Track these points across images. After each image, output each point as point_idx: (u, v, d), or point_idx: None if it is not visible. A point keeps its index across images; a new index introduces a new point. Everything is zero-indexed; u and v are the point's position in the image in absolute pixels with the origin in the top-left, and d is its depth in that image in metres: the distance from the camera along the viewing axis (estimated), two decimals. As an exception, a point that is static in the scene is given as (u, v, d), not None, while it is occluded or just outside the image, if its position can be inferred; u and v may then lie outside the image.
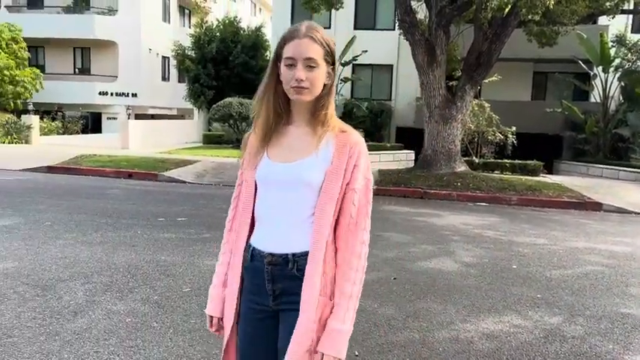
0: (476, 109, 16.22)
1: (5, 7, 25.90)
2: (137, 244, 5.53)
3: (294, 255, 1.60)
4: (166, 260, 4.96)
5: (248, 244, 1.68)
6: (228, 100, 19.27)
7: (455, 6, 12.08)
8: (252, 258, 1.65)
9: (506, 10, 11.77)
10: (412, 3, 12.63)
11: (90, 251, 5.17)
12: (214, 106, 19.78)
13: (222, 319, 1.75)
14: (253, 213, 1.69)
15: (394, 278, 4.83)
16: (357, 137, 1.72)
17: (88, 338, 3.26)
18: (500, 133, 16.73)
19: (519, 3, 10.60)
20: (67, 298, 3.91)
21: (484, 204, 10.15)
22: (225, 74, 23.74)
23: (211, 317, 1.78)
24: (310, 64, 1.58)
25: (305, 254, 1.60)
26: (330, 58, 1.63)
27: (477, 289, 4.66)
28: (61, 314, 3.61)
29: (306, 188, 1.61)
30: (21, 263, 4.68)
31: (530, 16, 10.62)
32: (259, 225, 1.68)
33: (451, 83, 13.64)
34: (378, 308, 4.02)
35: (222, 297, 1.74)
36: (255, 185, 1.69)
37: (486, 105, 16.83)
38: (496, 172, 14.75)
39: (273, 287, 1.63)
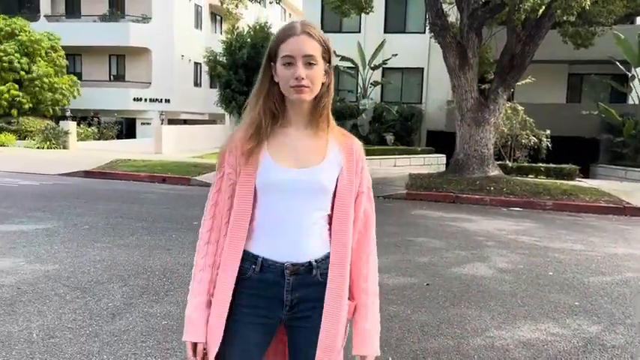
0: (509, 112, 15.97)
1: (45, 16, 26.74)
2: (172, 247, 5.63)
3: (316, 261, 1.59)
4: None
5: (253, 255, 1.56)
6: (259, 105, 19.39)
7: (487, 8, 11.94)
8: (262, 269, 1.56)
9: (540, 11, 11.57)
10: (443, 6, 12.54)
11: (126, 254, 5.29)
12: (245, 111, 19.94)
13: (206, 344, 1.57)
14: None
15: (427, 284, 4.79)
16: (358, 141, 1.75)
17: (126, 340, 3.33)
18: (534, 136, 16.42)
19: (554, 4, 10.41)
20: (105, 300, 4.01)
21: (518, 209, 9.97)
22: (256, 79, 23.98)
23: (195, 344, 1.56)
24: (310, 62, 1.53)
25: (325, 258, 1.60)
26: (327, 55, 1.59)
27: (512, 296, 4.58)
28: (100, 316, 3.70)
29: (321, 193, 1.60)
30: (61, 266, 4.82)
31: (565, 17, 10.40)
32: (265, 234, 1.57)
33: (483, 86, 13.48)
34: (411, 314, 3.99)
35: (207, 319, 1.56)
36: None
37: (520, 108, 16.55)
38: (530, 176, 14.48)
39: (291, 297, 1.58)
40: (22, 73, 20.93)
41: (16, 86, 20.92)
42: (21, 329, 3.41)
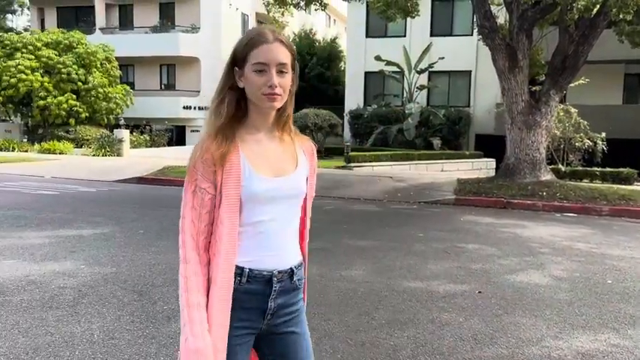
0: (561, 114, 15.51)
1: (100, 29, 27.87)
2: (223, 252, 5.74)
3: (296, 267, 1.62)
4: (251, 269, 5.10)
5: (238, 267, 1.51)
6: (304, 111, 19.61)
7: (538, 9, 11.64)
8: (249, 280, 1.53)
9: (595, 10, 11.19)
10: (492, 7, 12.31)
11: (180, 259, 5.42)
12: (291, 117, 20.16)
13: None
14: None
15: (479, 292, 4.70)
16: (311, 143, 1.74)
17: (181, 342, 3.41)
18: (588, 139, 15.88)
19: (609, 2, 10.06)
20: (160, 303, 4.13)
21: (572, 215, 9.64)
22: (301, 86, 24.02)
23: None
24: (282, 70, 1.51)
25: (299, 265, 1.65)
26: (294, 63, 1.58)
27: (569, 305, 4.43)
28: (156, 318, 3.81)
29: (299, 199, 1.64)
30: (118, 269, 5.00)
31: (621, 16, 10.03)
32: (249, 244, 1.53)
33: (534, 88, 13.12)
34: (463, 322, 3.93)
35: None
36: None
37: (573, 110, 16.05)
38: (585, 180, 14.01)
39: (274, 305, 1.57)
40: (80, 83, 21.85)
41: (74, 96, 21.86)
42: (83, 330, 3.56)
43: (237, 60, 1.54)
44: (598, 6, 10.97)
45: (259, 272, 1.53)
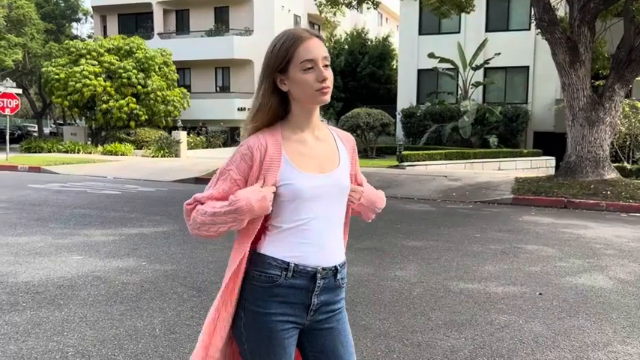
0: (627, 109, 14.78)
1: (157, 34, 28.84)
2: (277, 251, 5.82)
3: (340, 266, 1.64)
4: (305, 267, 5.15)
5: (283, 262, 1.55)
6: (356, 110, 19.57)
7: (601, 0, 11.14)
8: (294, 275, 1.55)
9: (664, -1, 10.61)
10: (550, 0, 11.88)
11: (236, 257, 5.54)
12: (343, 117, 20.21)
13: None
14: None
15: (540, 294, 4.55)
16: (349, 135, 1.75)
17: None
18: (656, 135, 15.07)
19: (680, -10, 9.50)
20: (218, 299, 4.22)
21: (640, 214, 9.18)
22: (353, 85, 24.14)
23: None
24: (326, 63, 1.54)
25: (344, 264, 1.66)
26: None
27: (638, 309, 4.22)
28: (215, 315, 3.90)
29: (344, 195, 1.65)
30: (178, 266, 5.15)
31: (693, 4, 9.46)
32: (295, 240, 1.56)
33: (597, 83, 12.58)
34: (523, 325, 3.81)
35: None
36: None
37: None
38: (653, 179, 13.28)
39: (317, 302, 1.60)
40: (139, 87, 22.68)
41: (134, 100, 22.71)
42: (145, 324, 3.69)
43: (278, 64, 1.54)
44: (667, -6, 10.39)
45: (304, 267, 1.56)
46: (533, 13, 12.70)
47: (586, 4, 11.13)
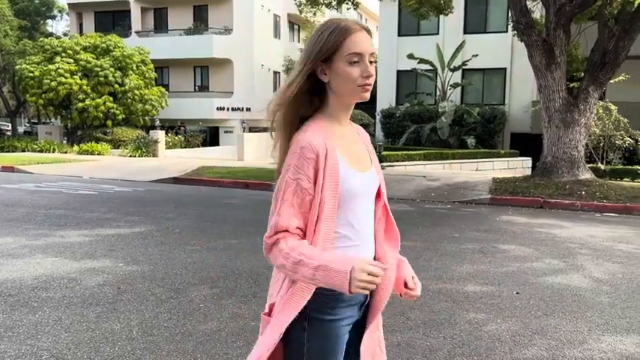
0: (601, 111, 15.08)
1: (135, 32, 28.47)
2: (258, 251, 5.77)
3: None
4: (285, 268, 5.13)
5: None
6: (336, 110, 19.56)
7: (575, 3, 11.33)
8: None
9: (637, 3, 10.84)
10: (527, 3, 12.06)
11: (215, 257, 5.50)
12: (323, 117, 20.19)
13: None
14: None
15: (517, 293, 4.60)
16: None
17: (217, 340, 3.46)
18: (629, 137, 15.39)
19: (652, -5, 9.72)
20: (197, 301, 4.19)
21: (613, 215, 9.36)
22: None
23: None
24: (371, 60, 1.47)
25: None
26: None
27: (612, 307, 4.30)
28: (193, 316, 3.86)
29: (374, 196, 1.62)
30: (156, 267, 5.09)
31: (665, 9, 9.68)
32: (348, 240, 1.52)
33: (572, 85, 12.81)
34: (501, 323, 3.86)
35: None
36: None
37: (613, 107, 15.59)
38: (626, 179, 13.58)
39: (368, 298, 1.60)
40: (116, 86, 22.36)
41: (111, 99, 22.38)
42: (122, 327, 3.63)
43: (323, 53, 1.44)
44: (640, -1, 10.62)
45: None
46: (510, 15, 12.88)
47: (561, 7, 11.33)
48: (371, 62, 1.46)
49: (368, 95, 1.48)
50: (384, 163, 15.08)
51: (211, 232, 6.70)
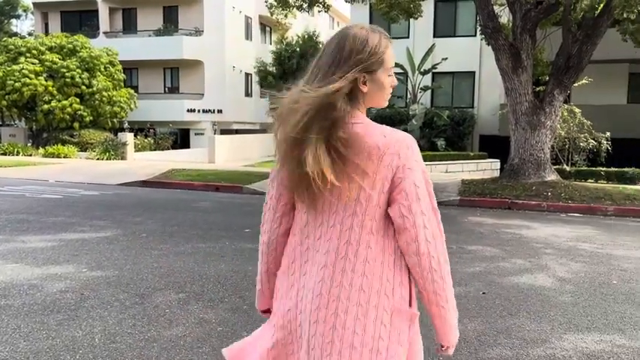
0: (565, 114, 15.44)
1: (103, 33, 27.97)
2: (226, 254, 5.73)
3: None
4: (253, 271, 5.07)
5: None
6: (308, 113, 19.58)
7: (541, 8, 11.59)
8: None
9: (599, 9, 11.15)
10: (495, 7, 12.27)
11: (182, 261, 5.42)
12: (295, 119, 20.19)
13: None
14: None
15: (483, 293, 4.66)
16: None
17: (182, 345, 3.40)
18: (593, 139, 15.80)
19: (613, 2, 10.01)
20: (162, 306, 4.12)
21: (577, 215, 9.59)
22: (305, 88, 24.06)
23: None
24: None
25: None
26: None
27: (574, 306, 4.39)
28: (158, 322, 3.79)
29: None
30: (121, 272, 4.99)
31: (625, 15, 9.97)
32: None
33: (538, 88, 13.08)
34: (467, 324, 3.90)
35: None
36: None
37: (577, 110, 16.00)
38: (590, 180, 13.93)
39: None
40: (83, 87, 21.91)
41: (78, 100, 21.92)
42: (84, 334, 3.54)
43: (371, 65, 1.46)
44: (602, 5, 10.92)
45: None
46: (478, 19, 13.09)
47: (527, 12, 11.56)
48: None
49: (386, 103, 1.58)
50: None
51: (179, 236, 6.61)
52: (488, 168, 17.37)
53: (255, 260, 1.77)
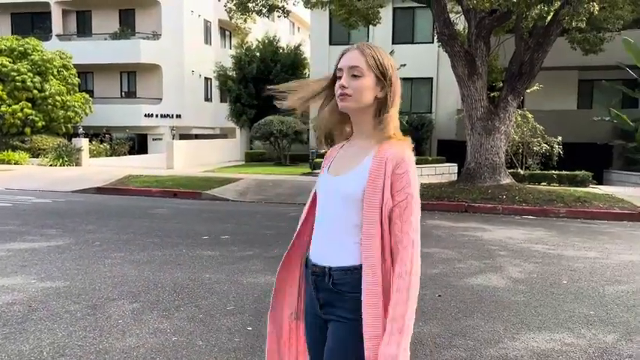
0: (519, 119, 15.88)
1: (56, 35, 27.14)
2: (182, 262, 5.63)
3: (330, 269, 1.63)
4: (211, 278, 5.02)
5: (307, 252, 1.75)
6: (269, 118, 19.54)
7: (494, 17, 11.92)
8: (307, 266, 1.72)
9: (548, 18, 11.54)
10: (450, 15, 12.54)
11: (137, 270, 5.29)
12: (255, 124, 20.10)
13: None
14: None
15: (439, 295, 4.74)
16: (398, 150, 1.64)
17: (135, 357, 3.31)
18: (545, 143, 16.30)
19: (562, 11, 10.37)
20: (115, 317, 4.01)
21: (531, 217, 9.87)
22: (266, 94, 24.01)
23: None
24: (354, 73, 1.63)
25: (339, 270, 1.61)
26: (378, 71, 1.64)
27: (526, 306, 4.51)
28: (110, 333, 3.69)
29: (344, 202, 1.62)
30: (72, 283, 4.83)
31: (573, 24, 10.36)
32: (312, 235, 1.74)
33: (493, 94, 13.44)
34: (423, 326, 3.94)
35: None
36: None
37: (530, 115, 16.46)
38: (543, 183, 14.36)
39: (317, 296, 1.68)
40: (35, 92, 21.19)
41: (30, 105, 21.18)
42: (32, 347, 3.41)
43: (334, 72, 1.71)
44: (551, 14, 11.30)
45: (309, 260, 1.71)
46: (435, 27, 13.34)
47: (481, 20, 11.87)
48: (354, 76, 1.65)
49: (344, 104, 1.66)
50: (318, 170, 15.18)
51: (134, 244, 6.46)
52: (446, 172, 17.68)
53: (213, 267, 1.77)
